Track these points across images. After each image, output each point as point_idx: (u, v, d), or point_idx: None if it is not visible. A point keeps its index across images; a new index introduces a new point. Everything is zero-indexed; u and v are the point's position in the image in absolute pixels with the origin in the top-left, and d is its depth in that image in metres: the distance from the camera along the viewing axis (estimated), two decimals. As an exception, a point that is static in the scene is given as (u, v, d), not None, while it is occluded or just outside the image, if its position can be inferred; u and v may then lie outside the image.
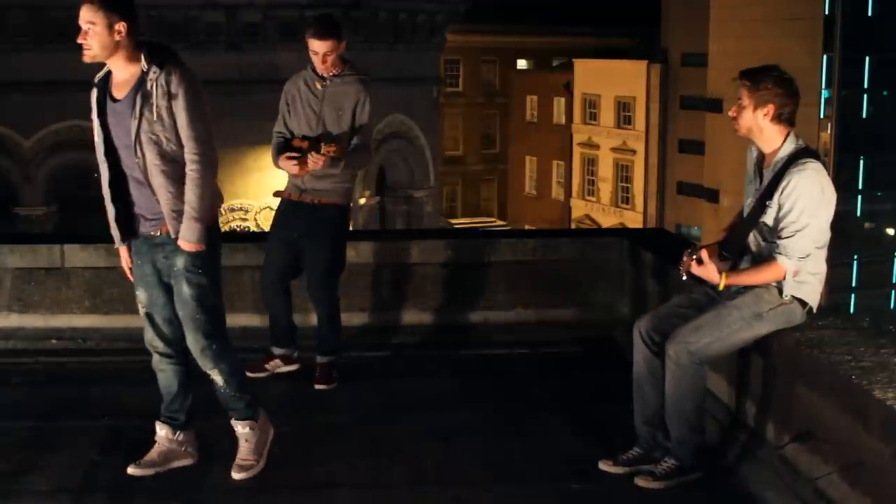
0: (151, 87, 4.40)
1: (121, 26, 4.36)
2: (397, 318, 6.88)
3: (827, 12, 37.14)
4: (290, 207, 5.97)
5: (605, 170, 46.85)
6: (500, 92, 52.52)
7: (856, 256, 37.19)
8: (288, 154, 5.77)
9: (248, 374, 5.80)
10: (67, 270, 6.66)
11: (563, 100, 49.08)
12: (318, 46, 5.81)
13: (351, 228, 22.78)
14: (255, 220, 18.88)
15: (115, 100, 4.50)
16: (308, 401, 5.69)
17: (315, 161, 5.66)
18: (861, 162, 37.79)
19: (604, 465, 4.67)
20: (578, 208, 48.34)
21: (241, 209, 18.96)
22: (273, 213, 6.13)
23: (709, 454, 4.66)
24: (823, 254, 4.48)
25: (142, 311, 4.78)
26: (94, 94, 4.55)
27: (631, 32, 48.34)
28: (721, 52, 37.50)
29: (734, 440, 4.82)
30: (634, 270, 6.68)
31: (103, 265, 6.67)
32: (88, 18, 4.34)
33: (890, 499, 3.66)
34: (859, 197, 37.56)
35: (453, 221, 46.86)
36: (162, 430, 4.83)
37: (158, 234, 4.61)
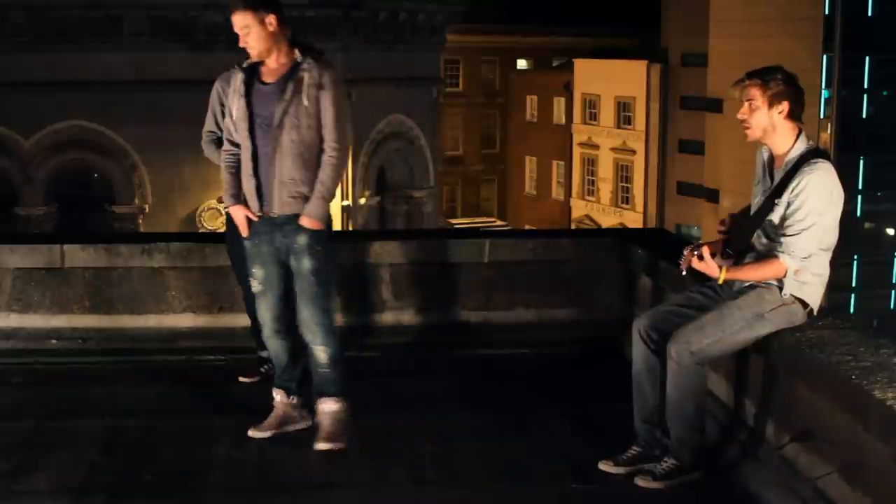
0: (303, 75, 4.81)
1: (271, 18, 4.80)
2: (397, 318, 6.87)
3: (827, 12, 37.14)
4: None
5: (605, 170, 46.86)
6: (500, 92, 52.53)
7: (856, 256, 37.19)
8: None
9: (241, 379, 5.90)
10: (67, 270, 6.65)
11: (563, 100, 49.10)
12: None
13: (351, 228, 22.73)
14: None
15: (263, 83, 4.89)
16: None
17: None
18: (861, 162, 37.78)
19: (604, 466, 4.67)
20: (578, 208, 48.36)
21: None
22: None
23: (708, 454, 4.67)
24: (828, 256, 4.47)
25: (257, 287, 5.08)
26: (240, 76, 4.93)
27: (631, 32, 48.35)
28: (721, 52, 37.51)
29: (734, 440, 4.82)
30: (634, 270, 6.68)
31: (103, 265, 6.67)
32: (242, 24, 4.81)
33: (890, 499, 3.66)
34: (859, 197, 37.55)
35: (453, 221, 46.85)
36: (278, 395, 5.19)
37: (279, 214, 4.90)
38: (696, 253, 4.49)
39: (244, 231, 5.05)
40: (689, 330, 4.46)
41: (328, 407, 4.99)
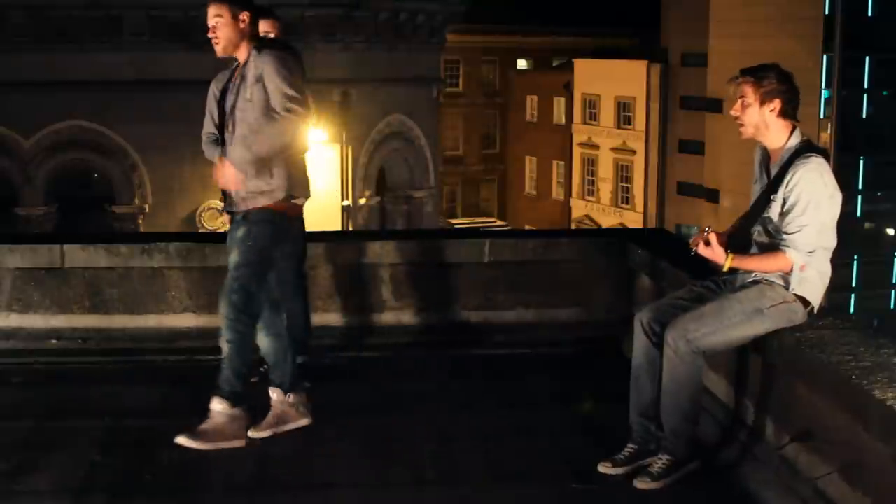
0: (248, 70, 4.90)
1: (244, 16, 4.90)
2: (397, 318, 6.88)
3: (827, 12, 37.15)
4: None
5: (605, 170, 46.86)
6: (500, 92, 52.52)
7: (856, 256, 37.20)
8: None
9: None
10: (67, 270, 6.66)
11: (563, 100, 49.10)
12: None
13: (351, 228, 22.70)
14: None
15: (230, 82, 5.04)
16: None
17: None
18: (861, 162, 37.79)
19: (603, 468, 4.65)
20: (578, 208, 48.35)
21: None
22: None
23: (702, 447, 4.67)
24: (829, 254, 4.48)
25: None
26: (227, 76, 5.08)
27: (631, 32, 48.35)
28: (721, 52, 37.51)
29: (733, 439, 4.82)
30: (634, 270, 6.68)
31: (103, 265, 6.67)
32: (216, 13, 4.91)
33: (890, 499, 3.66)
34: (859, 197, 37.56)
35: (453, 221, 46.85)
36: (274, 394, 5.17)
37: (237, 210, 5.01)
38: (704, 236, 4.47)
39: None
40: (688, 318, 4.47)
41: (212, 405, 4.95)
